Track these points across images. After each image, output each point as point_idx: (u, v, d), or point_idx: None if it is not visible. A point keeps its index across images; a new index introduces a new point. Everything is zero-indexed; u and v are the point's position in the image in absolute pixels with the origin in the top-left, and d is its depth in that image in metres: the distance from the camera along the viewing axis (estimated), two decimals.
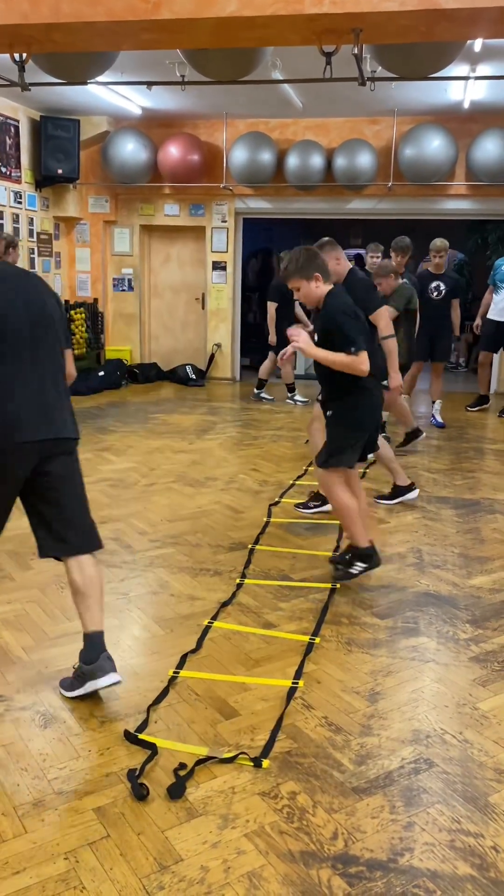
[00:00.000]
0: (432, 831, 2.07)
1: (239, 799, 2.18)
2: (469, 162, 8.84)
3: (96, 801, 2.16)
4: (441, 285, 7.29)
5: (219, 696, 2.70)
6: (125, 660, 2.93)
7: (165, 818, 2.10)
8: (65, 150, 9.11)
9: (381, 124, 9.15)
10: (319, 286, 3.45)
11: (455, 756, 2.39)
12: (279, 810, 2.14)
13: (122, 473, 5.61)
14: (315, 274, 3.43)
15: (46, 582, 3.65)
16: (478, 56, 6.27)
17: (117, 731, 2.48)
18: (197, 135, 9.52)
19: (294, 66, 6.39)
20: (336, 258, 4.12)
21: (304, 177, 9.08)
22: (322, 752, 2.40)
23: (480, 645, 3.11)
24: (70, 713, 2.58)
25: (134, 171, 9.48)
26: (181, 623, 3.25)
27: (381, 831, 2.07)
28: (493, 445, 6.82)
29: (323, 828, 2.07)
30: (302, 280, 3.44)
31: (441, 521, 4.66)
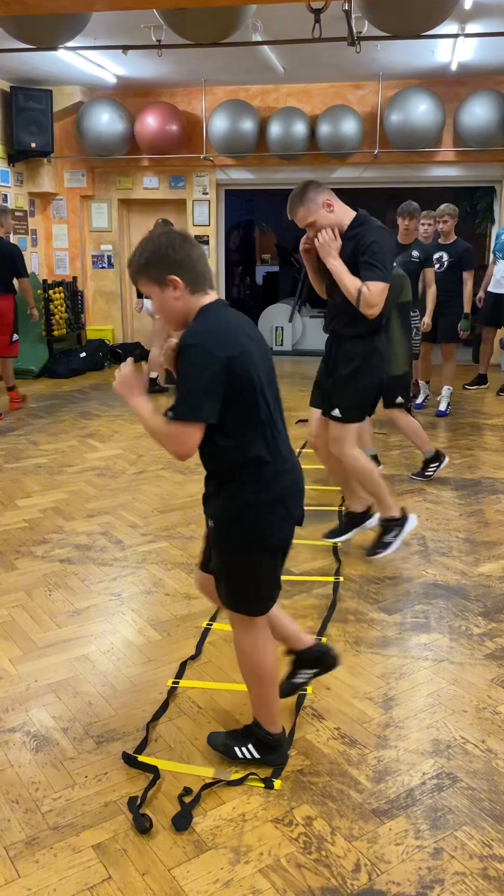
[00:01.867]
0: (462, 858, 1.90)
1: (251, 828, 2.01)
2: (457, 127, 8.57)
3: (95, 837, 1.98)
4: (444, 256, 6.64)
5: (222, 707, 2.52)
6: (120, 670, 2.74)
7: (172, 854, 1.92)
8: (37, 123, 8.74)
9: (365, 89, 8.83)
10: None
11: (479, 769, 2.23)
12: (295, 839, 1.97)
13: (109, 461, 5.39)
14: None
15: (33, 584, 3.45)
16: (468, 14, 6.00)
17: (115, 752, 2.30)
18: (175, 104, 9.16)
19: (275, 28, 6.09)
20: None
21: (287, 145, 8.77)
22: (337, 768, 2.23)
23: (495, 640, 2.94)
24: (63, 733, 2.39)
25: (110, 143, 9.13)
26: (178, 626, 3.06)
27: (406, 860, 1.90)
28: (489, 421, 6.65)
29: (343, 858, 1.90)
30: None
31: (443, 503, 4.49)
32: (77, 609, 3.21)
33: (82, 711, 2.50)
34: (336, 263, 3.18)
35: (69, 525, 4.17)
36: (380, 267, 3.11)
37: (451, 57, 7.54)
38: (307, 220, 3.20)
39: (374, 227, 3.20)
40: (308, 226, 3.22)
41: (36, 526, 4.16)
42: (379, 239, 3.16)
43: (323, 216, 3.18)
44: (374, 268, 3.11)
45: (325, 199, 3.18)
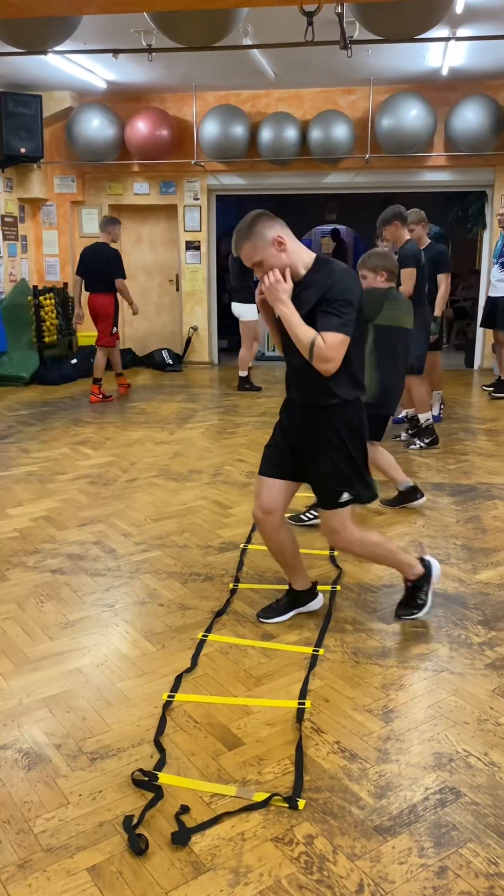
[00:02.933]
0: (468, 877, 1.85)
1: (250, 847, 1.95)
2: (448, 131, 8.57)
3: (90, 859, 1.91)
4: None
5: (220, 721, 2.46)
6: (114, 683, 2.68)
7: (169, 876, 1.86)
8: (27, 128, 8.70)
9: (356, 94, 8.83)
10: None
11: (482, 783, 2.18)
12: (296, 859, 1.91)
13: (101, 469, 5.33)
14: None
15: (24, 595, 3.38)
16: (459, 18, 5.99)
17: (110, 769, 2.24)
18: (165, 109, 9.14)
19: (266, 32, 6.06)
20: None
21: (279, 151, 8.75)
22: (338, 784, 2.18)
23: (496, 649, 2.90)
24: (56, 750, 2.33)
25: (100, 149, 9.09)
26: (173, 637, 3.00)
27: (411, 880, 1.85)
28: (483, 425, 6.63)
29: (346, 879, 1.85)
30: None
31: (439, 509, 4.45)
32: (70, 621, 3.15)
33: (76, 727, 2.44)
34: (286, 310, 2.65)
35: (61, 534, 4.10)
36: (340, 316, 2.60)
37: (442, 61, 7.54)
38: (253, 259, 2.68)
39: (342, 271, 2.69)
40: (255, 265, 2.70)
41: (27, 535, 4.09)
42: (349, 287, 2.65)
43: (272, 255, 2.66)
44: (334, 317, 2.60)
45: (275, 236, 2.64)
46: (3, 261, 9.19)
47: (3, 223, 9.14)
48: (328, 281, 2.63)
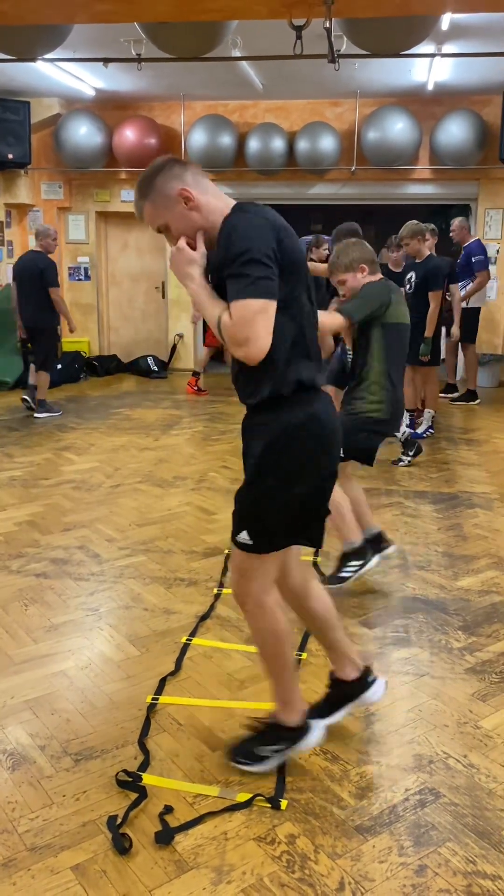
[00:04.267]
0: (446, 875, 1.89)
1: (233, 846, 1.97)
2: (433, 145, 8.68)
3: (74, 858, 1.93)
4: (413, 276, 6.37)
5: (203, 724, 2.49)
6: (98, 686, 2.70)
7: (152, 874, 1.88)
8: (15, 134, 8.71)
9: (343, 106, 8.93)
10: None
11: (461, 784, 2.22)
12: (278, 858, 1.94)
13: (86, 474, 5.34)
14: None
15: (8, 599, 3.39)
16: (445, 35, 6.09)
17: (93, 770, 2.26)
18: (153, 117, 9.19)
19: (255, 44, 6.13)
20: None
21: (266, 161, 8.82)
22: (319, 785, 2.21)
23: (475, 654, 2.94)
24: (40, 751, 2.34)
25: (88, 156, 9.12)
26: (157, 641, 3.02)
27: (391, 878, 1.88)
28: (465, 435, 6.70)
29: (327, 877, 1.88)
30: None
31: (421, 517, 4.50)
32: (54, 624, 3.16)
33: (60, 729, 2.46)
34: (193, 286, 2.00)
35: (45, 539, 4.11)
36: (245, 276, 1.84)
37: (428, 76, 7.65)
38: (157, 223, 2.03)
39: (246, 215, 1.93)
40: (161, 231, 2.05)
41: (11, 540, 4.09)
42: (245, 228, 1.88)
43: (179, 217, 2.00)
44: (237, 279, 1.85)
45: (179, 189, 1.97)
46: None
47: None
48: (225, 233, 1.90)
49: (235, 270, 1.85)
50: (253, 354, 1.88)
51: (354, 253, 3.43)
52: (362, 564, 3.46)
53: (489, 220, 9.14)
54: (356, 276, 3.42)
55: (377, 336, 3.39)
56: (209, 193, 2.01)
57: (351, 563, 3.46)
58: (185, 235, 2.00)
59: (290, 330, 1.97)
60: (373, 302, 3.36)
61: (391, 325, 3.40)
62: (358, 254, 3.43)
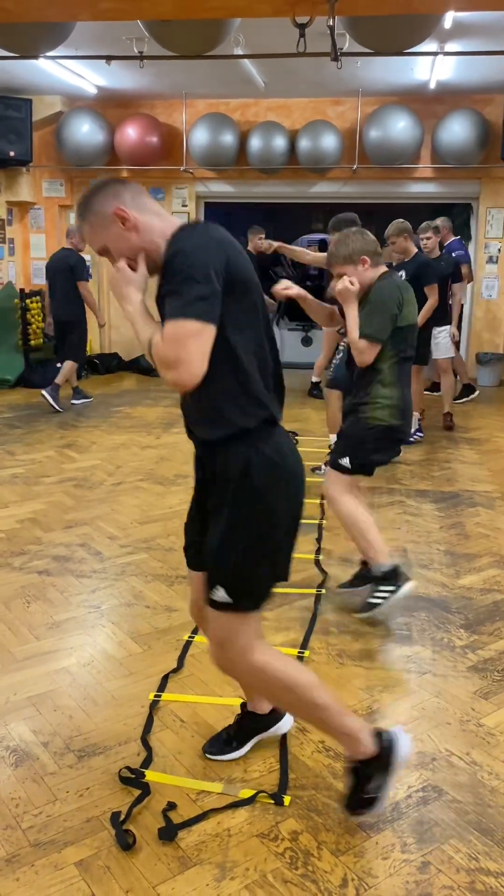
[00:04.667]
0: (449, 872, 1.89)
1: (236, 843, 1.98)
2: (435, 144, 8.68)
3: (78, 854, 1.93)
4: (403, 274, 6.13)
5: (206, 721, 2.49)
6: (100, 683, 2.70)
7: (156, 870, 1.89)
8: (16, 131, 8.71)
9: (345, 105, 8.92)
10: None
11: (464, 781, 2.22)
12: (281, 854, 1.94)
13: (87, 472, 5.34)
14: None
15: (11, 596, 3.39)
16: (447, 33, 6.09)
17: (97, 766, 2.26)
18: (155, 115, 9.18)
19: (257, 42, 6.13)
20: None
21: (267, 159, 8.82)
22: (322, 782, 2.21)
23: (477, 652, 2.95)
24: (44, 748, 2.34)
25: (90, 154, 9.12)
26: (159, 638, 3.03)
27: (394, 874, 1.88)
28: (466, 434, 6.70)
29: (330, 873, 1.88)
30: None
31: (423, 516, 4.50)
32: (56, 621, 3.16)
33: (63, 725, 2.46)
34: (130, 309, 1.89)
35: (47, 536, 4.11)
36: (179, 294, 1.69)
37: (430, 75, 7.65)
38: (95, 245, 1.91)
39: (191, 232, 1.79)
40: (101, 253, 1.92)
41: (13, 537, 4.10)
42: (190, 247, 1.73)
43: (116, 237, 1.87)
44: (172, 298, 1.71)
45: (115, 208, 1.84)
46: None
47: None
48: (170, 253, 1.74)
49: (173, 288, 1.71)
50: (184, 379, 1.70)
51: (355, 243, 3.09)
52: (394, 590, 3.09)
53: (491, 220, 9.14)
54: (357, 269, 3.10)
55: (387, 339, 3.11)
56: (150, 213, 1.87)
57: (382, 589, 3.11)
58: (125, 257, 1.86)
59: (250, 351, 1.82)
60: (391, 311, 3.05)
61: (400, 329, 3.11)
62: (359, 244, 3.09)
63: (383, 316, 3.06)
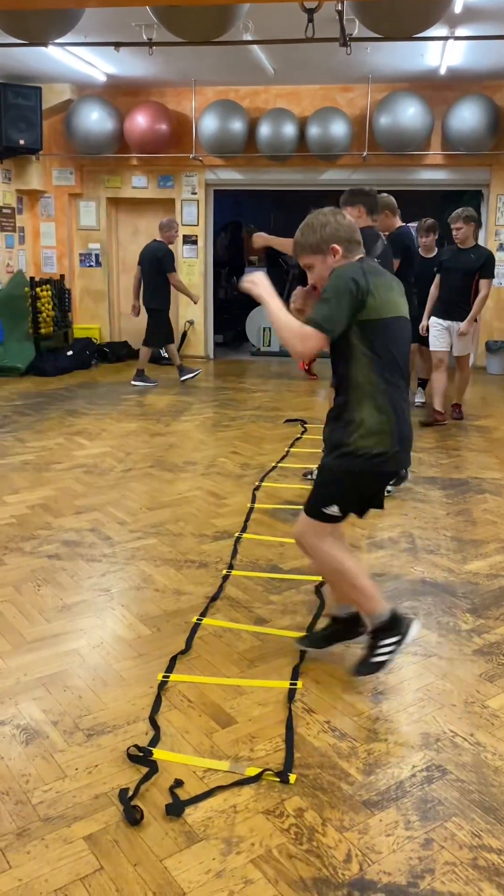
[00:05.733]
0: (452, 849, 1.92)
1: (242, 819, 2.01)
2: (445, 130, 8.64)
3: (87, 828, 1.97)
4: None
5: (213, 701, 2.52)
6: (110, 664, 2.74)
7: (163, 845, 1.92)
8: (26, 120, 8.72)
9: (354, 92, 8.88)
10: None
11: (468, 761, 2.24)
12: (286, 830, 1.97)
13: (97, 459, 5.38)
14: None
15: (22, 579, 3.43)
16: (458, 18, 6.05)
17: (105, 745, 2.30)
18: (164, 103, 9.17)
19: (266, 28, 6.11)
20: None
21: (277, 146, 8.80)
22: (328, 761, 2.24)
23: (483, 636, 2.97)
24: (53, 727, 2.38)
25: (99, 142, 9.13)
26: (168, 621, 3.06)
27: (397, 851, 1.91)
28: (476, 422, 6.70)
29: (335, 849, 1.91)
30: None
31: (430, 502, 4.52)
32: (66, 604, 3.20)
33: (72, 705, 2.50)
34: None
35: (57, 521, 4.15)
36: None
37: (441, 61, 7.60)
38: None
39: None
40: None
41: (24, 522, 4.14)
42: None
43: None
44: None
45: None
46: (1, 252, 9.22)
47: (1, 214, 9.16)
48: None
49: None
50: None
51: (325, 228, 2.43)
52: (399, 639, 2.55)
53: (501, 206, 9.10)
54: (326, 260, 2.45)
55: (356, 339, 2.40)
56: None
57: (385, 643, 2.56)
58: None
59: None
60: (343, 296, 2.33)
61: (375, 323, 2.39)
62: (330, 229, 2.43)
63: (330, 303, 2.35)
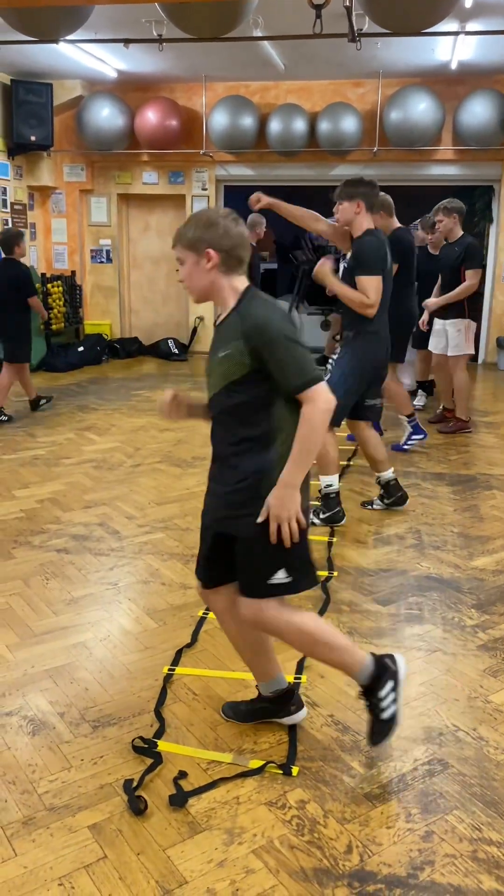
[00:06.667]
0: (452, 841, 1.93)
1: (244, 810, 2.03)
2: (456, 125, 8.60)
3: (91, 818, 2.00)
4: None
5: (218, 694, 2.55)
6: (116, 657, 2.77)
7: (166, 835, 1.95)
8: (38, 116, 8.76)
9: (365, 87, 8.86)
10: None
11: (470, 756, 2.26)
12: (288, 821, 2.00)
13: (106, 454, 5.41)
14: None
15: (30, 573, 3.47)
16: (468, 12, 6.02)
17: (111, 736, 2.33)
18: (174, 99, 9.18)
19: (276, 24, 6.11)
20: None
21: (287, 142, 8.79)
22: (330, 754, 2.26)
23: (488, 631, 2.97)
24: (60, 718, 2.42)
25: (110, 138, 9.15)
26: (174, 614, 3.09)
27: (397, 843, 1.93)
28: (485, 418, 6.69)
29: (336, 840, 1.93)
30: None
31: (438, 498, 4.52)
32: (74, 598, 3.23)
33: (79, 697, 2.53)
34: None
35: (66, 516, 4.19)
36: None
37: (451, 55, 7.57)
38: None
39: None
40: None
41: (33, 516, 4.18)
42: None
43: None
44: None
45: None
46: None
47: (13, 210, 9.20)
48: None
49: None
50: None
51: (210, 228, 2.06)
52: (394, 683, 2.21)
53: None
54: (199, 262, 2.08)
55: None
56: None
57: (382, 695, 2.19)
58: None
59: None
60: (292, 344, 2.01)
61: None
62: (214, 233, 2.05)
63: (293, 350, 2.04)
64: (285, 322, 2.04)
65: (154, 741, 2.29)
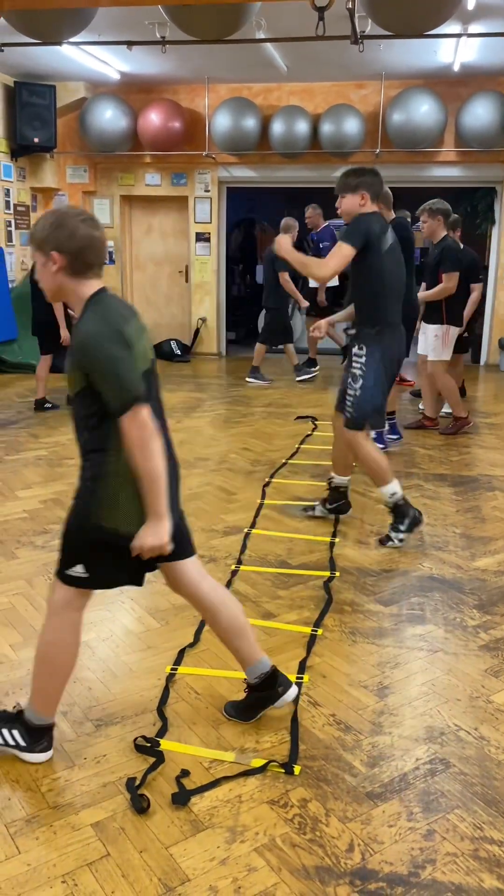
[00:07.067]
0: (454, 840, 1.94)
1: (247, 808, 2.04)
2: (458, 127, 8.62)
3: (94, 816, 2.01)
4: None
5: (220, 693, 2.55)
6: (119, 657, 2.78)
7: (169, 833, 1.96)
8: (41, 118, 8.79)
9: (368, 89, 8.88)
10: None
11: (472, 755, 2.26)
12: (290, 820, 2.00)
13: None
14: None
15: (33, 573, 3.48)
16: (471, 14, 6.03)
17: (113, 735, 2.34)
18: (177, 101, 9.20)
19: (279, 26, 6.12)
20: None
21: (290, 144, 8.81)
22: (332, 753, 2.27)
23: (490, 632, 2.98)
24: (63, 717, 2.43)
25: (113, 140, 9.17)
26: (176, 614, 3.10)
27: (399, 841, 1.94)
28: (487, 419, 6.69)
29: (338, 839, 1.94)
30: None
31: (440, 499, 4.53)
32: None
33: (82, 696, 2.54)
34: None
35: None
36: None
37: (454, 57, 7.58)
38: None
39: None
40: None
41: (36, 516, 4.19)
42: None
43: None
44: None
45: None
46: (16, 250, 9.29)
47: (16, 212, 9.23)
48: None
49: None
50: None
51: (58, 230, 1.97)
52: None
53: None
54: (46, 264, 2.00)
55: None
56: None
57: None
58: None
59: None
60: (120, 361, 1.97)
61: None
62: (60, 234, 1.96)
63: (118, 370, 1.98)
64: (112, 339, 1.94)
65: (157, 740, 2.29)
